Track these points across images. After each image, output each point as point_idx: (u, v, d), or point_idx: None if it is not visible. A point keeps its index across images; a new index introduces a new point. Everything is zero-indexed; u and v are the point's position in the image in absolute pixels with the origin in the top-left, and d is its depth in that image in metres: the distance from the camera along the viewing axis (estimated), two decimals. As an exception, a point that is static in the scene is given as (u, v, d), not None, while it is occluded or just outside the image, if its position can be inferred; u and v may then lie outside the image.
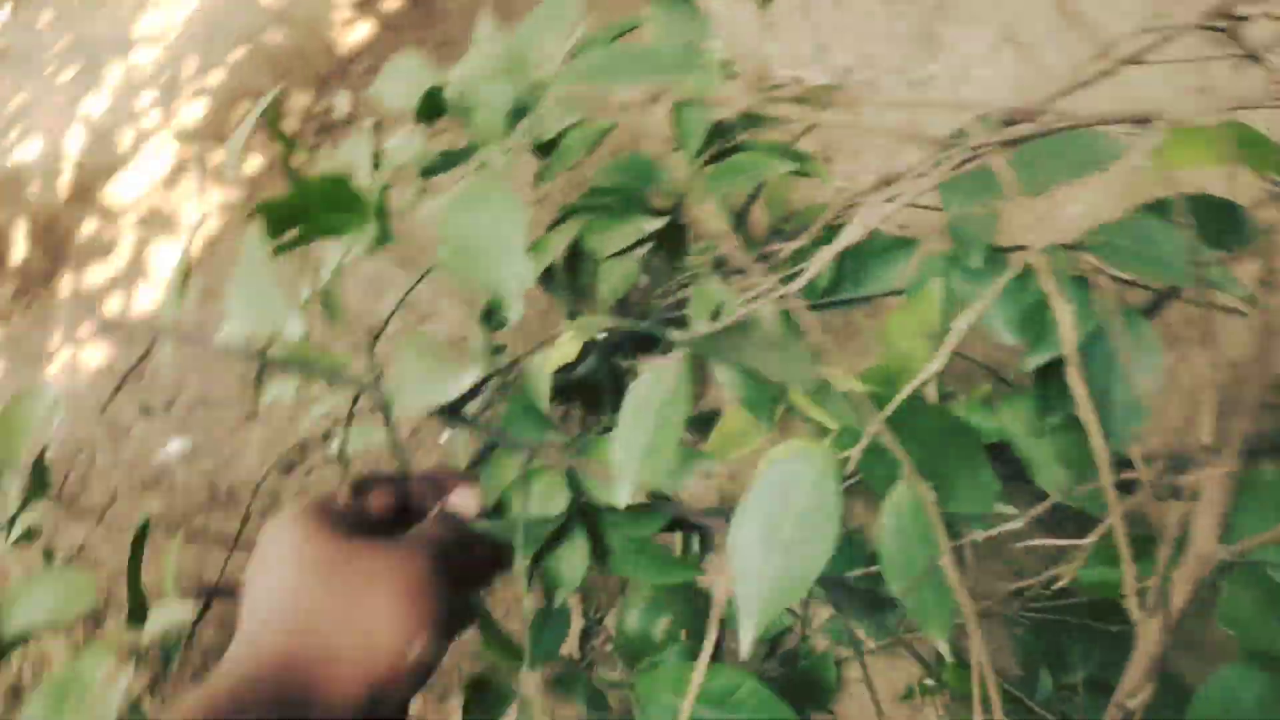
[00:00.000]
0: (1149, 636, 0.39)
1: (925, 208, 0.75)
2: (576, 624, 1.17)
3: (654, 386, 0.48)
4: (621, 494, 0.47)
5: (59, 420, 0.72)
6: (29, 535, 0.73)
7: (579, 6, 0.72)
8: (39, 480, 0.74)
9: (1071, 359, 0.42)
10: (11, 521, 0.70)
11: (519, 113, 0.78)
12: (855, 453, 0.45)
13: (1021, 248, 0.58)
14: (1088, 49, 0.72)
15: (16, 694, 1.27)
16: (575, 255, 0.79)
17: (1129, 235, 0.51)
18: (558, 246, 0.72)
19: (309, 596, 0.42)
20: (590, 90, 0.67)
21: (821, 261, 0.55)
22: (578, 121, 0.75)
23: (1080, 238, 0.56)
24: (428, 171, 0.81)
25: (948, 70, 1.13)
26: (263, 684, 0.39)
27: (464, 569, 0.49)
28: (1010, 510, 0.46)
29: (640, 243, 0.71)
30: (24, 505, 0.73)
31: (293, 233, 0.67)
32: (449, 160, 0.81)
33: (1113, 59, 0.74)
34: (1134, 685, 0.39)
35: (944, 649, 0.42)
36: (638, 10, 0.72)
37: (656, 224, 0.71)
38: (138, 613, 0.60)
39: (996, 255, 0.58)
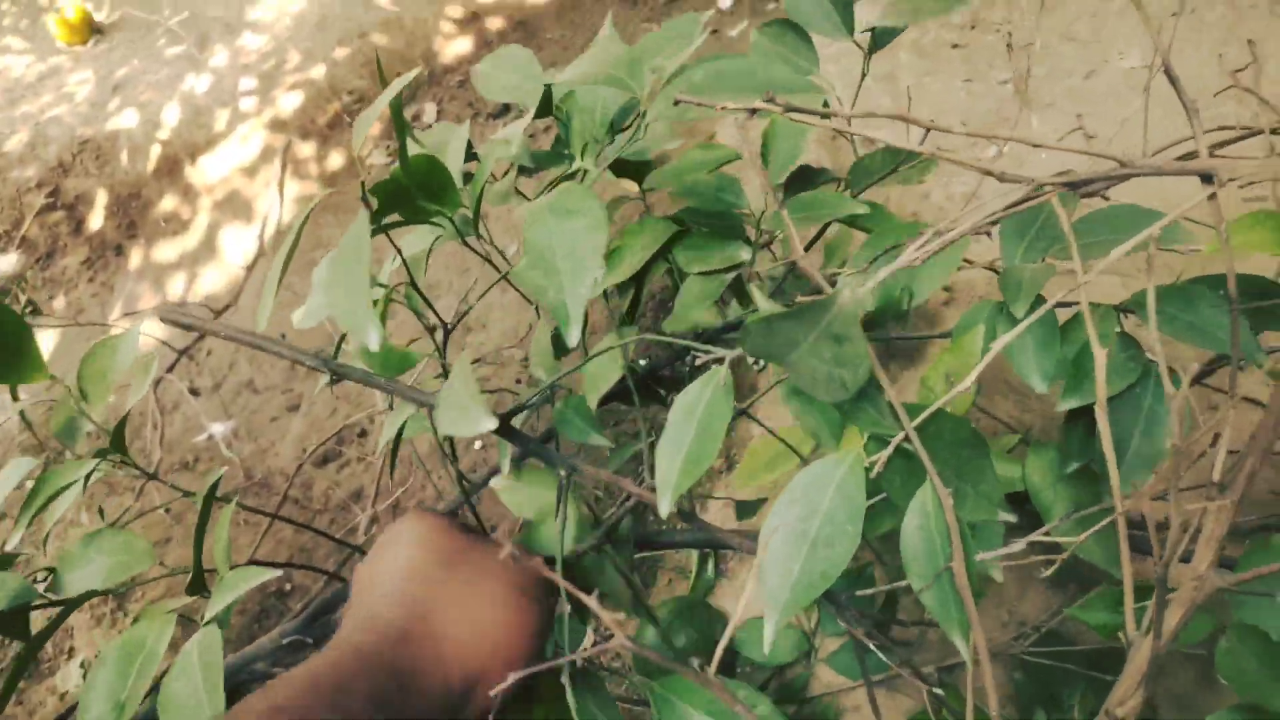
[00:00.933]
0: (1142, 651, 0.42)
1: (975, 264, 0.78)
2: (588, 639, 1.20)
3: (699, 394, 0.50)
4: (663, 505, 0.48)
5: (154, 371, 0.73)
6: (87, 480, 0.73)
7: (699, 30, 0.75)
8: (119, 435, 0.75)
9: (1101, 402, 0.45)
10: (88, 476, 0.70)
11: (617, 125, 0.82)
12: (882, 457, 0.47)
13: (1069, 304, 0.62)
14: (1155, 146, 0.76)
15: (35, 667, 1.28)
16: (646, 267, 0.82)
17: (1174, 302, 0.55)
18: (645, 254, 0.75)
19: (429, 579, 0.44)
20: (685, 117, 0.69)
21: (877, 278, 0.58)
22: (682, 144, 0.79)
23: (1127, 300, 0.60)
24: (524, 170, 0.85)
25: (1016, 151, 1.17)
26: (378, 656, 0.40)
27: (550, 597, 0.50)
28: (1010, 517, 0.49)
29: (731, 268, 0.75)
30: (103, 455, 0.73)
31: (392, 217, 0.71)
32: (542, 161, 0.85)
33: (1176, 154, 0.78)
34: (1124, 694, 0.42)
35: (963, 647, 0.45)
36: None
37: (749, 254, 0.74)
38: (198, 583, 0.62)
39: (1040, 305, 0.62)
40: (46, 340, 1.71)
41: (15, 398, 0.66)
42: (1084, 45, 1.32)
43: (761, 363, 1.07)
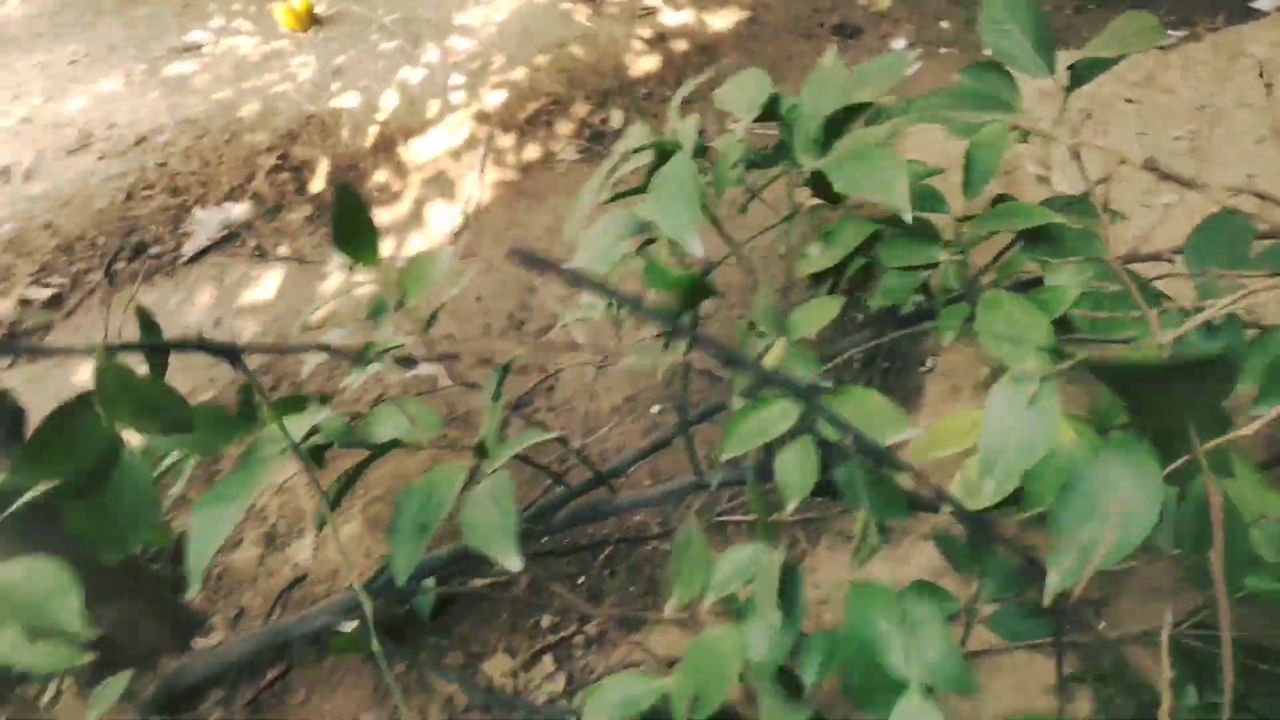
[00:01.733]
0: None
1: (1172, 275, 0.88)
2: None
3: (1016, 396, 0.60)
4: (986, 488, 0.57)
5: (464, 281, 0.89)
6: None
7: (909, 62, 0.88)
8: (430, 320, 0.92)
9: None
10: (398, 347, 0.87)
11: (832, 132, 0.95)
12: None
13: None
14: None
15: (270, 540, 1.44)
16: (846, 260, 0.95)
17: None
18: (849, 246, 0.88)
19: None
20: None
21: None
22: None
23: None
24: (751, 165, 1.00)
25: (1185, 204, 1.26)
26: None
27: None
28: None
29: (928, 266, 0.87)
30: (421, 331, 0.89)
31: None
32: (768, 160, 0.99)
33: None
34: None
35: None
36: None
37: (946, 256, 0.86)
38: (481, 448, 0.79)
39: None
40: (273, 277, 1.94)
41: (352, 269, 0.84)
42: (1257, 111, 1.40)
43: (930, 363, 1.18)
